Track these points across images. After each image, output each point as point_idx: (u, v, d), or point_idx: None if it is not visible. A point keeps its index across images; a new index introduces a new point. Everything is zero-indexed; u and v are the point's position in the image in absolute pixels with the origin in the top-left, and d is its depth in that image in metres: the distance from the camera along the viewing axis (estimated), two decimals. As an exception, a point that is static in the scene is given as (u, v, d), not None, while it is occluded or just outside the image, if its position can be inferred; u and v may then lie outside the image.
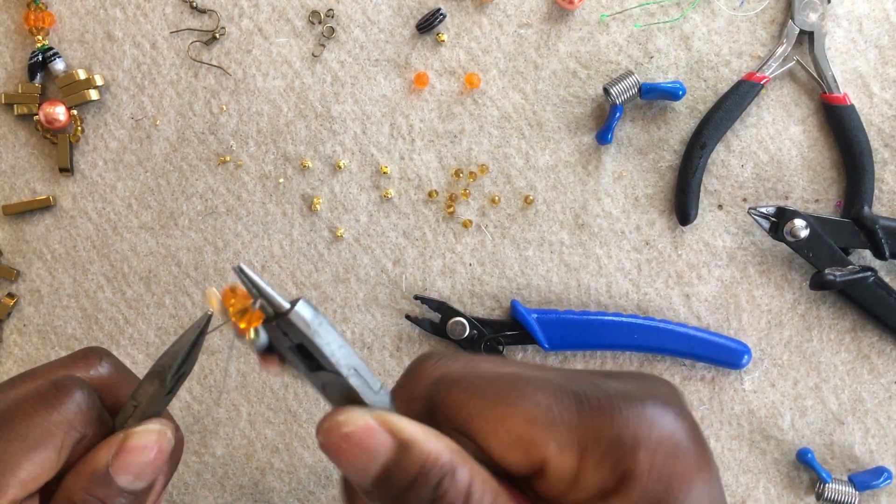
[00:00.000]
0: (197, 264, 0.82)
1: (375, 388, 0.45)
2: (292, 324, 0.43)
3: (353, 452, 0.43)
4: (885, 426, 0.78)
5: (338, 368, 0.44)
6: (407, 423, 0.44)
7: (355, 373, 0.44)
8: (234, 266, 0.44)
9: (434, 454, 0.43)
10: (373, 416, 0.43)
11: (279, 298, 0.44)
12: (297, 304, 0.43)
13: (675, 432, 0.41)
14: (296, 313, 0.43)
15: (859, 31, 0.78)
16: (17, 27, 0.82)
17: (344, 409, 0.44)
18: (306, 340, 0.43)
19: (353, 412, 0.44)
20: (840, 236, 0.76)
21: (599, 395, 0.42)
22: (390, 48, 0.81)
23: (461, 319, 0.79)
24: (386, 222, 0.81)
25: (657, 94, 0.77)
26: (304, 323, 0.43)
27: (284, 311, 0.43)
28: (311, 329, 0.43)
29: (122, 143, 0.82)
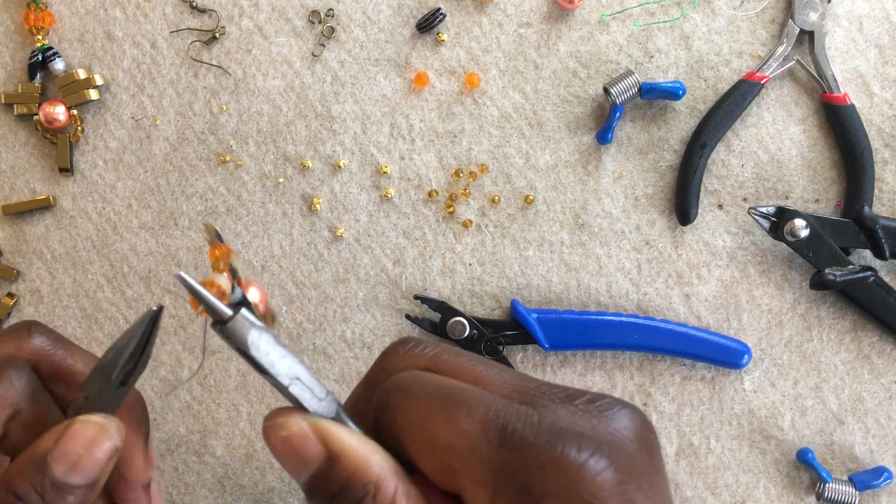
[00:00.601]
0: (197, 264, 0.82)
1: (321, 395, 0.46)
2: (232, 333, 0.44)
3: (287, 455, 0.44)
4: (885, 426, 0.78)
5: (277, 379, 0.45)
6: (342, 434, 0.44)
7: (298, 381, 0.45)
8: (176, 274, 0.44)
9: (362, 468, 0.43)
10: (308, 424, 0.44)
11: (221, 307, 0.44)
12: (235, 318, 0.44)
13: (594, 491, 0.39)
14: (235, 324, 0.44)
15: (859, 30, 0.78)
16: (17, 27, 0.82)
17: (285, 411, 0.45)
18: (244, 351, 0.44)
19: (291, 417, 0.45)
20: (840, 236, 0.76)
21: (525, 433, 0.41)
22: (390, 48, 0.81)
23: (461, 319, 0.79)
24: (386, 222, 0.81)
25: (657, 94, 0.77)
26: (242, 336, 0.44)
27: (224, 319, 0.44)
28: (248, 342, 0.44)
29: (121, 142, 0.82)
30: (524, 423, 0.41)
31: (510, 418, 0.41)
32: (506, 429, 0.41)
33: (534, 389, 0.44)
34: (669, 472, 0.79)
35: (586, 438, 0.40)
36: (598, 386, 0.80)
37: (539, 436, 0.40)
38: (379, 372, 0.48)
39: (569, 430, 0.41)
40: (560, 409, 0.42)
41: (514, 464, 0.40)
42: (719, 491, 0.79)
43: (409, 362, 0.47)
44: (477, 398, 0.43)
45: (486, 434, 0.41)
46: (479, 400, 0.42)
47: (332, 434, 0.44)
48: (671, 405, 0.79)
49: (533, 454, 0.40)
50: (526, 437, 0.40)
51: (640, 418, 0.44)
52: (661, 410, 0.79)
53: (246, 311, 0.44)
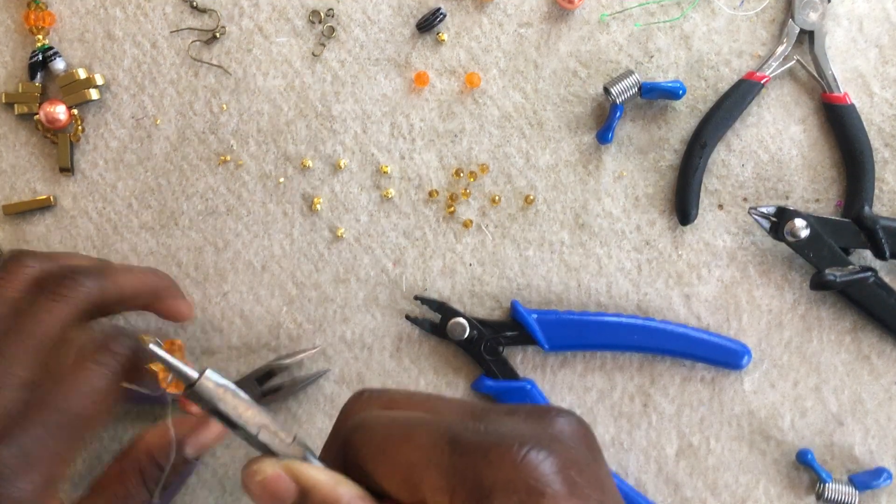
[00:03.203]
0: (197, 264, 0.82)
1: (287, 440, 0.51)
2: (200, 393, 0.49)
3: (264, 496, 0.50)
4: (885, 427, 0.78)
5: (247, 429, 0.50)
6: (311, 471, 0.50)
7: (265, 429, 0.51)
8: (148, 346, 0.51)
9: (331, 497, 0.49)
10: (280, 466, 0.50)
11: (187, 371, 0.50)
12: (202, 377, 0.49)
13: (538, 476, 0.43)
14: (200, 385, 0.49)
15: (860, 30, 0.78)
16: (17, 26, 0.82)
17: (260, 458, 0.51)
18: (213, 407, 0.50)
19: (265, 462, 0.50)
20: (840, 236, 0.76)
21: (472, 438, 0.45)
22: (390, 47, 0.81)
23: (461, 320, 0.79)
24: (386, 222, 0.81)
25: (657, 94, 0.77)
26: (209, 393, 0.49)
27: (191, 382, 0.49)
28: (215, 398, 0.49)
29: (122, 142, 0.82)
30: (471, 432, 0.46)
31: (458, 429, 0.46)
32: (454, 439, 0.45)
33: (479, 408, 0.50)
34: (669, 472, 0.79)
35: (525, 437, 0.45)
36: (599, 387, 0.80)
37: (484, 439, 0.45)
38: (341, 422, 0.53)
39: (510, 433, 0.45)
40: (503, 419, 0.48)
41: (464, 466, 0.44)
42: (719, 491, 0.79)
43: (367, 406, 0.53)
44: (429, 422, 0.48)
45: (438, 446, 0.46)
46: (431, 422, 0.48)
47: (301, 471, 0.50)
48: (671, 406, 0.79)
49: (480, 454, 0.44)
50: (472, 442, 0.45)
51: (576, 420, 0.49)
52: (661, 411, 0.79)
53: (210, 372, 0.50)
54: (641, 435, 0.80)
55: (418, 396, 0.53)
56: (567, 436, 0.47)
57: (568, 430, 0.47)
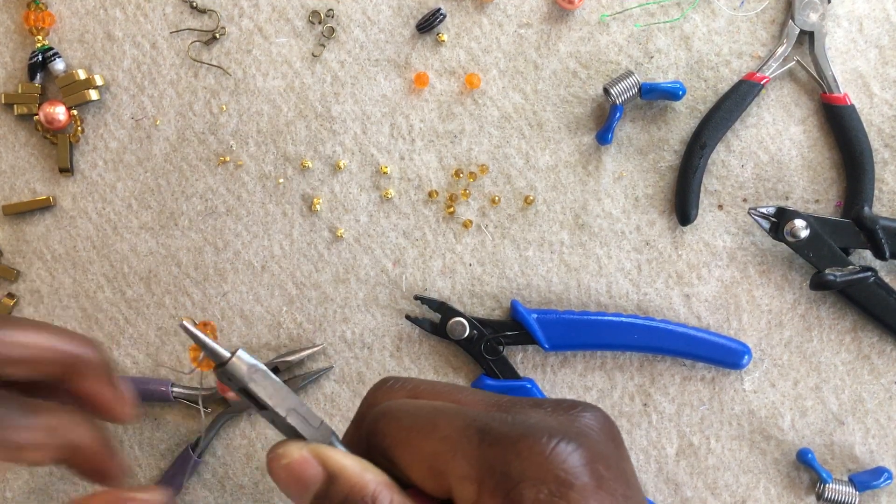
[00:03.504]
0: (197, 264, 0.82)
1: (315, 424, 0.51)
2: (231, 372, 0.49)
3: (290, 481, 0.49)
4: (885, 426, 0.78)
5: (276, 409, 0.50)
6: (338, 455, 0.49)
7: (294, 412, 0.50)
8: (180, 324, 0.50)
9: (359, 484, 0.48)
10: (307, 450, 0.49)
11: (219, 350, 0.49)
12: (234, 356, 0.49)
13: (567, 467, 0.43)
14: (232, 364, 0.49)
15: (859, 31, 0.78)
16: (17, 27, 0.82)
17: (284, 442, 0.50)
18: (244, 387, 0.49)
19: (291, 445, 0.49)
20: (840, 236, 0.76)
21: (501, 429, 0.45)
22: (390, 48, 0.81)
23: (461, 319, 0.79)
24: (386, 222, 0.81)
25: (657, 94, 0.77)
26: (241, 372, 0.49)
27: (224, 361, 0.49)
28: (247, 377, 0.49)
29: (122, 143, 0.82)
30: (499, 423, 0.45)
31: (486, 419, 0.46)
32: (483, 429, 0.45)
33: (505, 401, 0.49)
34: (670, 472, 0.79)
35: (554, 429, 0.45)
36: (599, 386, 0.80)
37: (513, 430, 0.45)
38: (365, 409, 0.53)
39: (538, 425, 0.45)
40: (530, 411, 0.48)
41: (493, 456, 0.44)
42: (719, 491, 0.79)
43: (392, 395, 0.52)
44: (455, 411, 0.48)
45: (466, 436, 0.45)
46: (457, 412, 0.47)
47: (329, 456, 0.49)
48: (671, 405, 0.80)
49: (509, 444, 0.44)
50: (502, 433, 0.45)
51: (602, 415, 0.48)
52: (661, 411, 0.80)
53: (242, 352, 0.49)
54: (641, 434, 0.80)
55: (443, 386, 0.53)
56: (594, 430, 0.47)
57: (594, 425, 0.47)
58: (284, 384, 0.50)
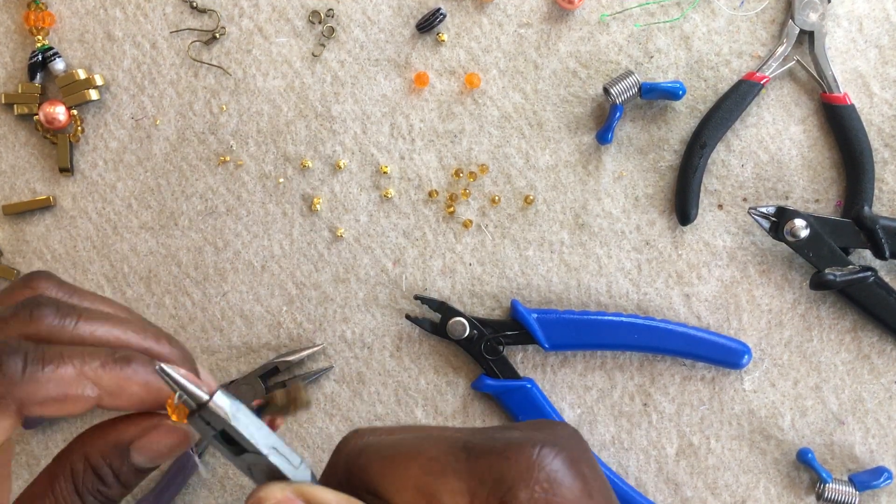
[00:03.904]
0: (197, 264, 0.82)
1: (296, 463, 0.50)
2: (212, 412, 0.47)
3: None
4: (885, 426, 0.78)
5: (258, 449, 0.48)
6: (322, 493, 0.48)
7: (275, 451, 0.49)
8: (157, 367, 0.48)
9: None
10: (292, 489, 0.48)
11: (197, 391, 0.47)
12: (216, 395, 0.47)
13: (557, 471, 0.45)
14: (214, 403, 0.47)
15: (859, 30, 0.78)
16: (17, 27, 0.82)
17: (266, 485, 0.49)
18: (227, 426, 0.47)
19: (274, 487, 0.48)
20: (840, 236, 0.76)
21: (486, 443, 0.46)
22: (390, 48, 0.81)
23: (461, 319, 0.79)
24: (386, 222, 0.81)
25: (657, 94, 0.77)
26: (223, 411, 0.47)
27: (203, 401, 0.47)
28: (229, 415, 0.47)
29: (122, 143, 0.82)
30: (483, 439, 0.47)
31: (470, 438, 0.47)
32: (468, 446, 0.46)
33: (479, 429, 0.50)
34: (670, 472, 0.79)
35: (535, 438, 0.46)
36: (599, 386, 0.80)
37: (497, 442, 0.46)
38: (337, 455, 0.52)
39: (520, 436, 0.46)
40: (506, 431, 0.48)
41: (482, 467, 0.45)
42: (719, 491, 0.79)
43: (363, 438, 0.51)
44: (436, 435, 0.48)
45: (452, 454, 0.46)
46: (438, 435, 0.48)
47: (314, 495, 0.48)
48: (671, 405, 0.80)
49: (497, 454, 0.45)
50: (487, 446, 0.46)
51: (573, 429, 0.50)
52: (661, 410, 0.80)
53: (222, 391, 0.48)
54: (641, 434, 0.80)
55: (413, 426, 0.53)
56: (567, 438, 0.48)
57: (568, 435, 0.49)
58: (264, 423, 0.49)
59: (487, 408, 0.81)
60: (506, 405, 0.79)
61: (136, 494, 0.82)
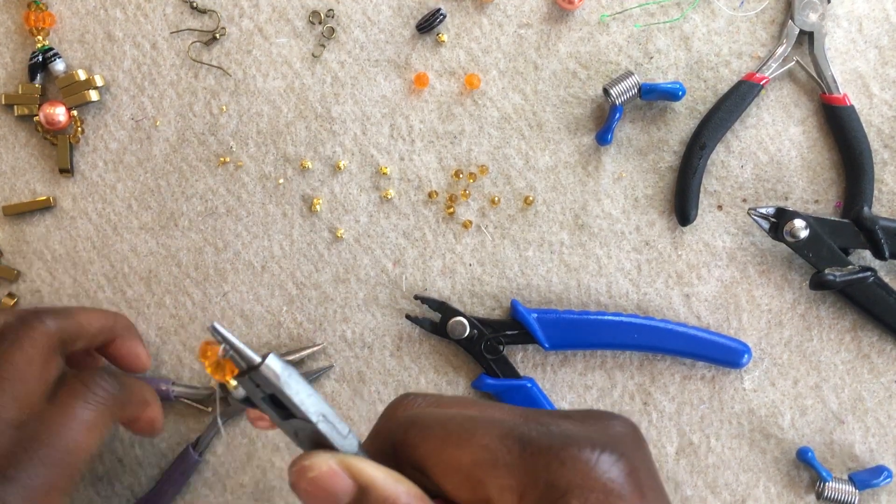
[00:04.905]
0: (197, 265, 0.82)
1: (344, 432, 0.48)
2: (263, 376, 0.46)
3: (318, 495, 0.47)
4: (885, 425, 0.78)
5: (307, 416, 0.47)
6: (368, 467, 0.47)
7: (324, 419, 0.48)
8: (209, 325, 0.47)
9: (391, 497, 0.46)
10: (337, 461, 0.47)
11: (250, 353, 0.47)
12: (268, 358, 0.46)
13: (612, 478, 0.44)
14: (266, 366, 0.46)
15: (859, 31, 0.78)
16: (17, 27, 0.82)
17: (311, 453, 0.48)
18: (277, 391, 0.47)
19: (319, 457, 0.47)
20: (840, 237, 0.76)
21: (542, 439, 0.45)
22: (390, 48, 0.81)
23: (461, 319, 0.79)
24: (386, 223, 0.81)
25: (657, 95, 0.77)
26: (275, 375, 0.46)
27: (256, 364, 0.46)
28: (280, 380, 0.46)
29: (122, 143, 0.82)
30: (538, 433, 0.45)
31: (525, 430, 0.45)
32: (523, 438, 0.45)
33: (532, 412, 0.48)
34: (670, 471, 0.79)
35: (595, 439, 0.45)
36: (599, 385, 0.80)
37: (554, 440, 0.44)
38: (384, 422, 0.51)
39: (578, 434, 0.45)
40: (562, 422, 0.47)
41: (536, 466, 0.44)
42: (719, 490, 0.79)
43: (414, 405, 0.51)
44: (489, 420, 0.47)
45: (505, 445, 0.45)
46: (491, 421, 0.46)
47: (360, 468, 0.47)
48: (671, 404, 0.80)
49: (553, 454, 0.44)
50: (543, 442, 0.44)
51: (630, 423, 0.48)
52: (661, 410, 0.80)
53: (273, 355, 0.47)
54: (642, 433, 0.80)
55: (465, 400, 0.52)
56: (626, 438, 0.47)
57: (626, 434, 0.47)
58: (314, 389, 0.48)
59: (487, 408, 0.81)
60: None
61: (136, 493, 0.82)
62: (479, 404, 0.51)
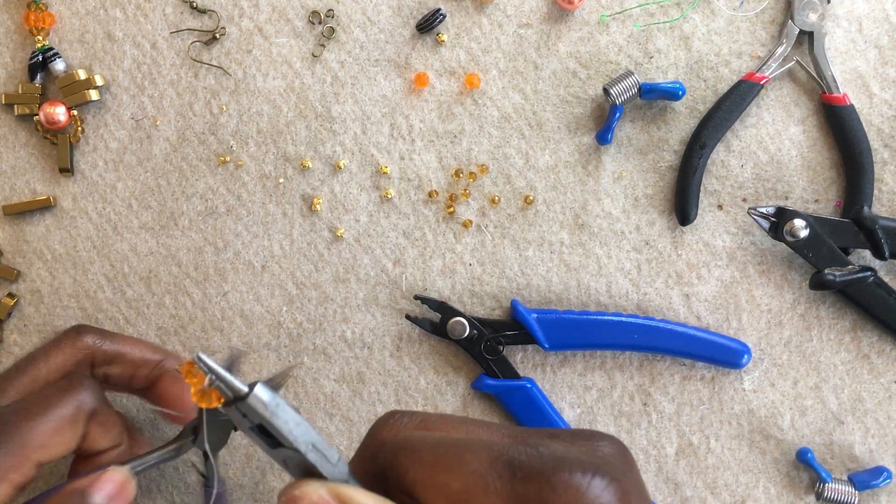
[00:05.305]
0: (197, 264, 0.82)
1: (333, 460, 0.48)
2: (250, 406, 0.46)
3: None
4: (884, 426, 0.78)
5: (296, 445, 0.47)
6: (359, 495, 0.47)
7: (313, 448, 0.47)
8: (194, 355, 0.46)
9: None
10: (327, 490, 0.47)
11: (237, 383, 0.46)
12: (255, 388, 0.46)
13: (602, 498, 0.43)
14: (254, 397, 0.46)
15: (859, 31, 0.78)
16: (17, 27, 0.82)
17: (301, 482, 0.48)
18: (265, 422, 0.46)
19: (309, 486, 0.47)
20: (840, 236, 0.76)
21: (532, 463, 0.44)
22: (390, 48, 0.81)
23: (461, 319, 0.79)
24: (386, 222, 0.81)
25: (657, 95, 0.77)
26: (262, 406, 0.46)
27: (243, 395, 0.46)
28: (268, 411, 0.46)
29: (122, 143, 0.82)
30: (528, 456, 0.45)
31: (514, 454, 0.45)
32: (512, 463, 0.44)
33: (521, 433, 0.48)
34: (669, 471, 0.79)
35: (585, 462, 0.44)
36: (599, 386, 0.80)
37: (545, 464, 0.44)
38: (370, 442, 0.51)
39: (569, 458, 0.45)
40: (551, 443, 0.47)
41: (527, 492, 0.43)
42: (719, 490, 0.79)
43: (401, 429, 0.50)
44: (478, 443, 0.46)
45: (495, 470, 0.44)
46: (480, 444, 0.46)
47: (350, 496, 0.47)
48: (671, 405, 0.80)
49: (544, 480, 0.43)
50: (534, 467, 0.44)
51: (619, 443, 0.48)
52: (661, 410, 0.80)
53: (261, 385, 0.46)
54: (641, 434, 0.80)
55: (454, 418, 0.51)
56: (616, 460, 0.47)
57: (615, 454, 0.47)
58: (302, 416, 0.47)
59: (487, 407, 0.81)
60: (506, 405, 0.79)
61: None
62: (467, 424, 0.50)
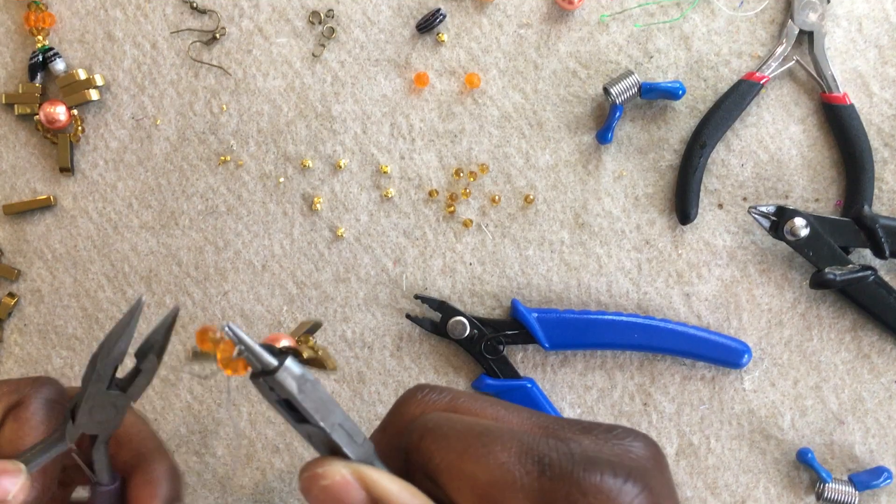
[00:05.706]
0: (197, 264, 0.82)
1: (359, 440, 0.47)
2: (278, 381, 0.45)
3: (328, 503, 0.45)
4: (885, 426, 0.78)
5: (321, 424, 0.45)
6: (383, 479, 0.45)
7: (339, 427, 0.46)
8: (223, 325, 0.45)
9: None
10: (350, 471, 0.45)
11: (267, 357, 0.45)
12: (285, 363, 0.45)
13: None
14: (283, 372, 0.45)
15: (859, 30, 0.78)
16: (17, 27, 0.83)
17: (325, 460, 0.46)
18: (292, 397, 0.45)
19: (333, 465, 0.46)
20: (840, 235, 0.76)
21: (562, 462, 0.43)
22: (390, 48, 0.81)
23: (461, 319, 0.79)
24: (386, 222, 0.81)
25: (657, 94, 0.77)
26: (291, 382, 0.45)
27: (272, 369, 0.45)
28: (296, 388, 0.45)
29: (122, 142, 0.82)
30: (559, 454, 0.43)
31: (545, 450, 0.43)
32: (543, 460, 0.43)
33: (553, 424, 0.47)
34: (669, 471, 0.79)
35: (617, 465, 0.43)
36: (599, 386, 0.80)
37: (576, 464, 0.42)
38: (396, 418, 0.49)
39: (600, 458, 0.43)
40: (583, 439, 0.45)
41: (556, 492, 0.42)
42: (719, 491, 0.79)
43: (428, 407, 0.49)
44: (508, 434, 0.45)
45: (524, 466, 0.43)
46: (510, 435, 0.44)
47: (374, 479, 0.45)
48: (671, 405, 0.80)
49: (574, 481, 0.42)
50: (564, 466, 0.42)
51: (653, 444, 0.47)
52: (661, 410, 0.80)
53: (290, 360, 0.45)
54: (641, 434, 0.80)
55: (483, 401, 0.49)
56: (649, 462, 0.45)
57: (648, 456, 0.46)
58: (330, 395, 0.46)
59: (488, 407, 0.81)
60: (506, 405, 0.79)
61: None
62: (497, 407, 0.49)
